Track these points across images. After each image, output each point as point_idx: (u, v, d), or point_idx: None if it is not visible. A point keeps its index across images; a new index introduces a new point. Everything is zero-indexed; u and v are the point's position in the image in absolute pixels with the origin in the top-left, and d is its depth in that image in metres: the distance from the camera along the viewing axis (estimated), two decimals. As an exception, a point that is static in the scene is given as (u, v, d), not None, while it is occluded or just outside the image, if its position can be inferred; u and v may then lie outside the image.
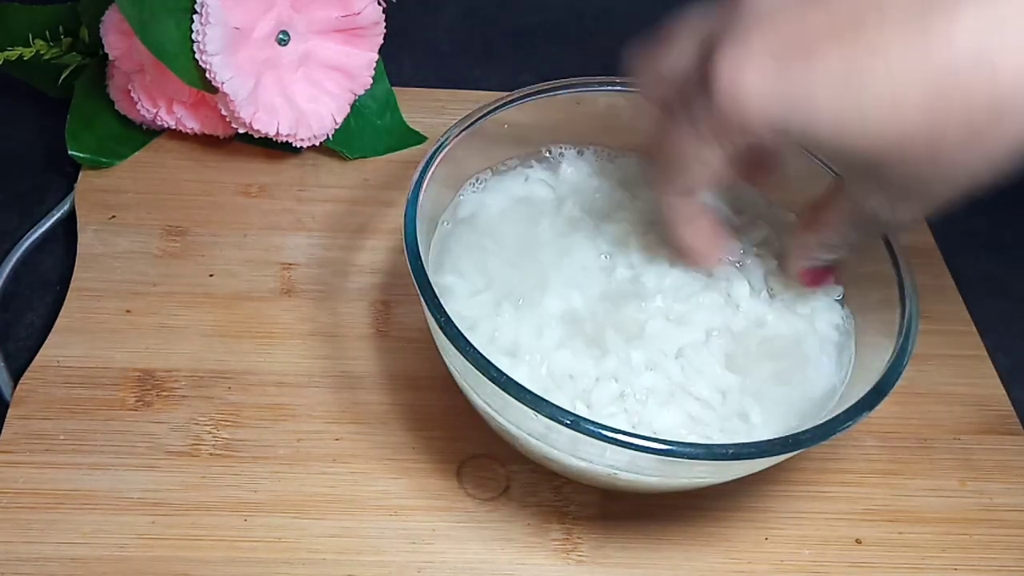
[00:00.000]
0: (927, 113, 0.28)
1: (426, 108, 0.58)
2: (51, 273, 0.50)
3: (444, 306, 0.37)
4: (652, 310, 0.40)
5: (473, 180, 0.45)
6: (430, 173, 0.41)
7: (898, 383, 0.37)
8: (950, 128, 0.28)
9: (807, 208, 0.38)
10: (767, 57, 0.30)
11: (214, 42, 0.48)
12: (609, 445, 0.34)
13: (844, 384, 0.40)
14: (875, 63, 0.28)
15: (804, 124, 0.30)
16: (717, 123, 0.31)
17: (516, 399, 0.34)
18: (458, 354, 0.35)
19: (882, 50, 0.28)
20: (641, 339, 0.39)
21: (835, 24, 0.29)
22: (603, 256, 0.42)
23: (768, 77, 0.30)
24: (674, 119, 0.34)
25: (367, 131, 0.56)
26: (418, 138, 0.57)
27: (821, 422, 0.36)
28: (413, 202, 0.40)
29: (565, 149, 0.47)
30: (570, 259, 0.42)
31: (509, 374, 0.35)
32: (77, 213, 0.51)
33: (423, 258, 0.38)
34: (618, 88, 0.46)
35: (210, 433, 0.43)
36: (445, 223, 0.44)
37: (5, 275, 0.50)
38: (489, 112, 0.44)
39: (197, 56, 0.48)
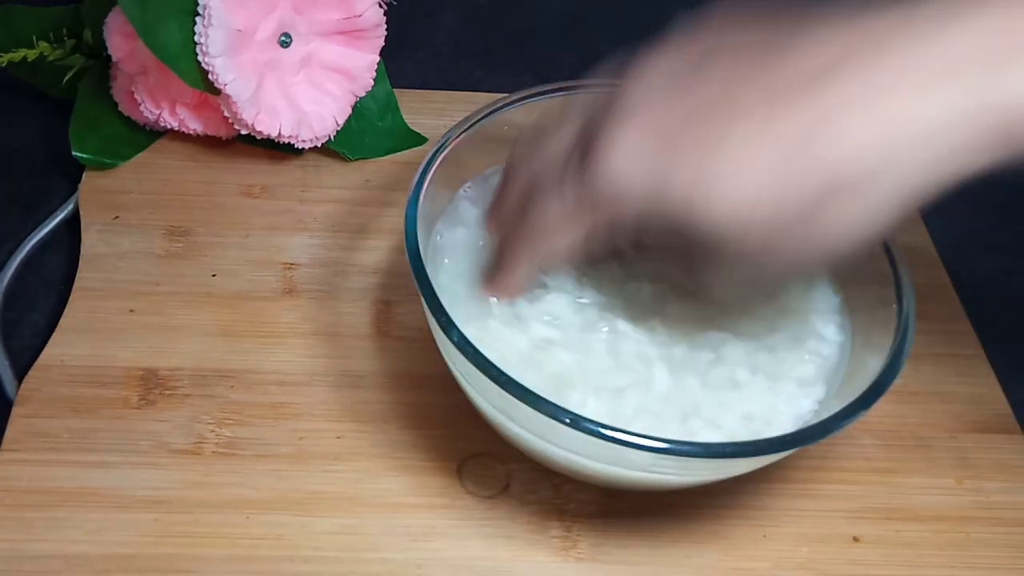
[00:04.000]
0: (766, 191, 0.31)
1: (427, 110, 0.59)
2: (55, 273, 0.51)
3: (444, 306, 0.37)
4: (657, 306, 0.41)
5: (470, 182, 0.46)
6: (431, 174, 0.42)
7: (895, 382, 0.37)
8: (787, 206, 0.31)
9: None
10: (638, 140, 0.33)
11: (216, 44, 0.48)
12: (608, 444, 0.34)
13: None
14: (722, 149, 0.31)
15: (662, 201, 0.32)
16: (590, 196, 0.34)
17: (516, 398, 0.35)
18: (458, 353, 0.36)
19: (728, 137, 0.31)
20: (645, 329, 0.40)
21: (694, 114, 0.32)
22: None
23: (638, 156, 0.33)
24: (544, 192, 0.36)
25: (368, 132, 0.57)
26: (419, 139, 0.57)
27: (819, 421, 0.36)
28: (414, 203, 0.40)
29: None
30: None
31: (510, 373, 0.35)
32: (81, 214, 0.51)
33: (423, 258, 0.38)
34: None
35: (213, 431, 0.43)
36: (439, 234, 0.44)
37: (10, 275, 0.50)
38: (490, 113, 0.44)
39: (200, 58, 0.49)
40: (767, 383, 0.39)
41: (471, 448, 0.44)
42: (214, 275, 0.49)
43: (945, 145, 0.29)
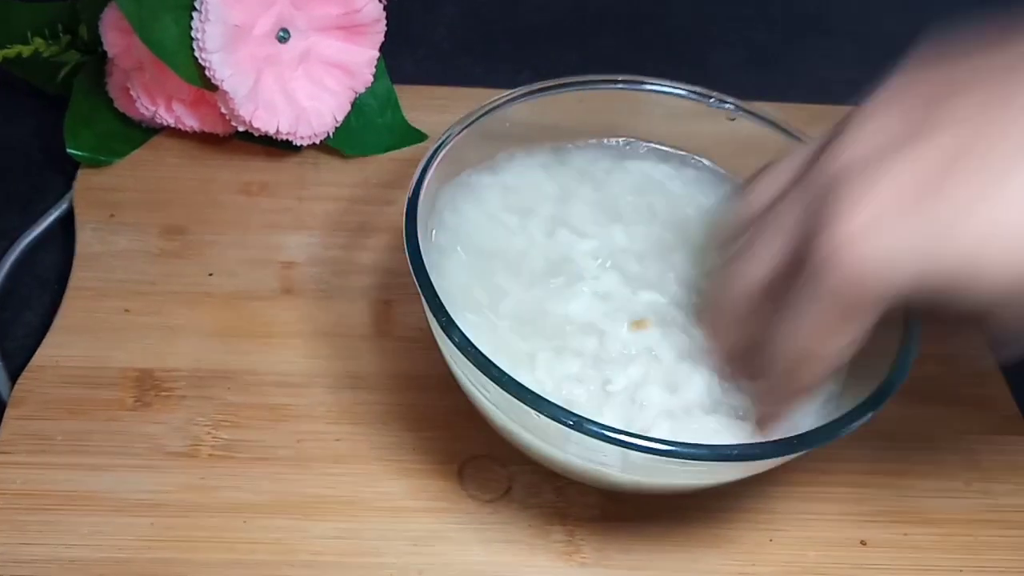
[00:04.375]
0: None
1: (427, 106, 0.58)
2: (49, 272, 0.50)
3: (445, 305, 0.36)
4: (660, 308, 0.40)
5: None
6: (431, 171, 0.41)
7: (902, 384, 0.36)
8: None
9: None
10: (887, 212, 0.28)
11: (214, 39, 0.48)
12: (611, 445, 0.34)
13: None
14: (1007, 194, 0.27)
15: (935, 269, 0.28)
16: (847, 303, 0.29)
17: (518, 399, 0.34)
18: (459, 354, 0.35)
19: (1010, 180, 0.27)
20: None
21: (952, 161, 0.28)
22: (601, 257, 0.42)
23: (897, 231, 0.28)
24: (778, 326, 0.32)
25: (368, 129, 0.56)
26: (419, 136, 0.57)
27: (826, 423, 0.36)
28: (414, 201, 0.40)
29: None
30: (570, 263, 0.42)
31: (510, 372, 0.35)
32: (76, 212, 0.51)
33: (424, 257, 0.38)
34: (619, 86, 0.46)
35: (209, 434, 0.43)
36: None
37: (3, 274, 0.50)
38: (490, 110, 0.44)
39: (196, 54, 0.48)
40: None
41: (472, 450, 0.43)
42: (211, 274, 0.49)
43: None
